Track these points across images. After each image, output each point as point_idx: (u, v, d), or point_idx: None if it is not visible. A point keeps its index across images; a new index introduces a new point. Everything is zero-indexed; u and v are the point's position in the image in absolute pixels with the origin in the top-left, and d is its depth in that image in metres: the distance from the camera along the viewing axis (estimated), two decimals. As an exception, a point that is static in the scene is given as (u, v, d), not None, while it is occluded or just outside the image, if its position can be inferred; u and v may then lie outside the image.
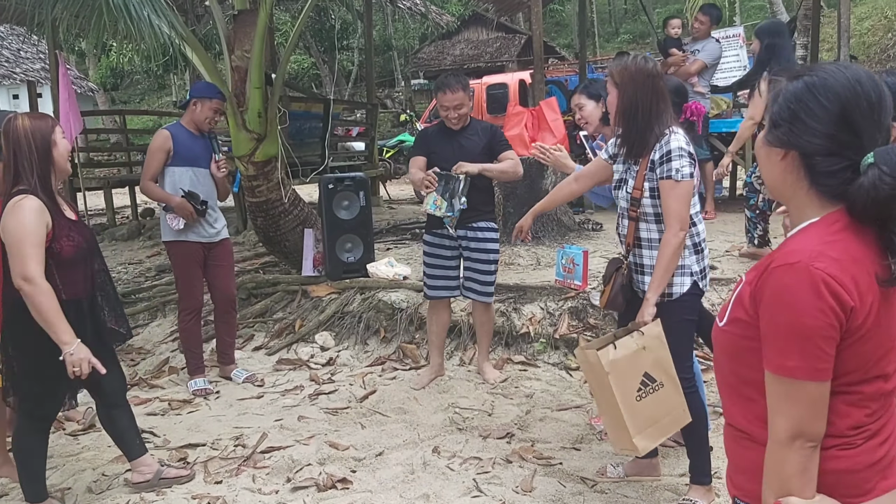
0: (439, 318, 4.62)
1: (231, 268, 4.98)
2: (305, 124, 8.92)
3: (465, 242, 4.41)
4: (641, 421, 2.75)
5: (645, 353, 2.77)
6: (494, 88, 14.33)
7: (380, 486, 3.40)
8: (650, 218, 2.99)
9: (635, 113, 2.93)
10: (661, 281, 2.92)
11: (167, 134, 4.63)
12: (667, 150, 2.89)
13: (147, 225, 9.54)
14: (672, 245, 2.89)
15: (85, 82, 25.03)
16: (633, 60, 2.99)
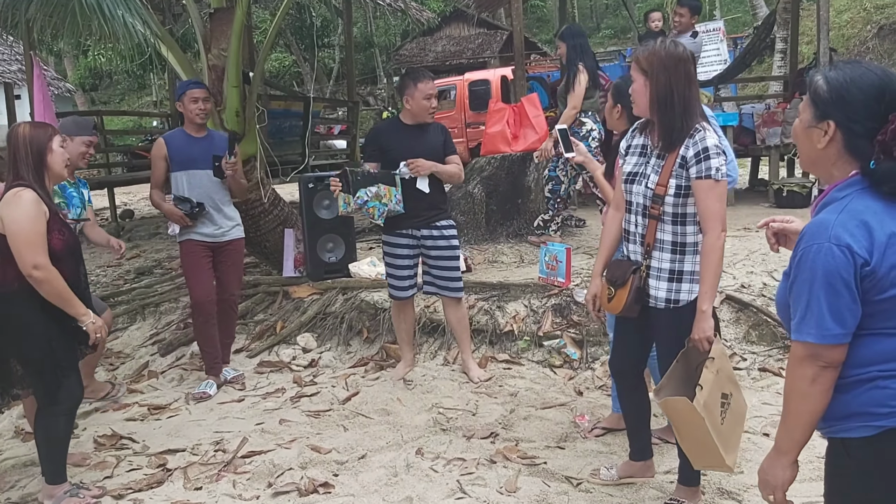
0: (406, 315, 4.67)
1: (236, 268, 4.93)
2: (285, 123, 8.84)
3: (430, 241, 4.44)
4: (729, 440, 2.69)
5: (719, 376, 2.67)
6: (476, 85, 14.30)
7: (362, 489, 3.35)
8: (667, 218, 2.82)
9: (671, 100, 2.74)
10: (710, 288, 2.76)
11: (161, 141, 4.70)
12: (702, 146, 2.72)
13: (126, 227, 9.43)
14: (718, 248, 2.73)
15: (62, 83, 24.72)
16: (662, 45, 2.80)
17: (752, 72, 15.94)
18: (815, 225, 1.64)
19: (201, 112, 4.61)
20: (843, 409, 1.66)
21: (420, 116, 4.35)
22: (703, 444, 2.64)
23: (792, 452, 1.72)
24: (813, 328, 1.62)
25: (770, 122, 8.09)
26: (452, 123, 14.52)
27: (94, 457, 3.87)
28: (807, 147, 1.73)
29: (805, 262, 1.62)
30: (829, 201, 1.68)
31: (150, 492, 3.47)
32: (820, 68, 1.81)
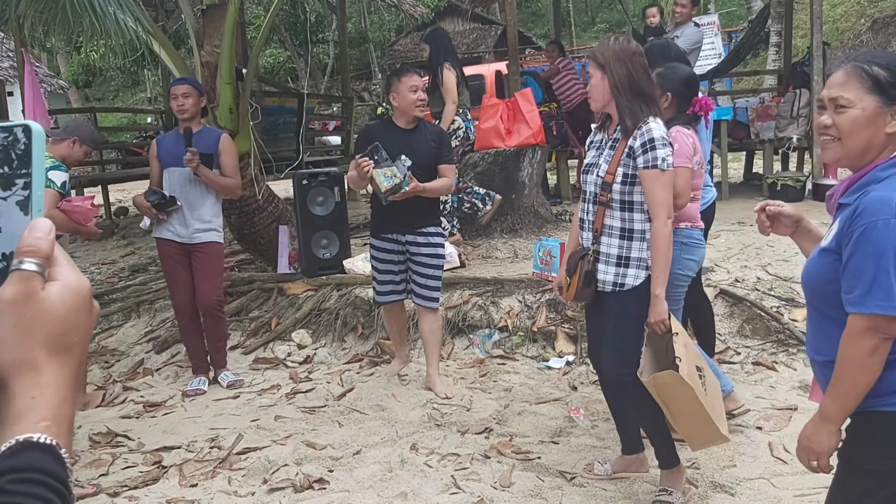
0: (396, 318, 4.57)
1: (211, 273, 4.69)
2: (279, 119, 8.84)
3: (414, 248, 4.29)
4: (717, 410, 2.82)
5: (688, 349, 2.80)
6: (471, 80, 14.23)
7: (357, 485, 3.36)
8: (615, 205, 2.96)
9: (630, 86, 2.88)
10: (662, 273, 2.88)
11: (154, 142, 4.77)
12: (649, 137, 2.85)
13: (121, 224, 9.42)
14: (664, 235, 2.86)
15: (55, 80, 24.62)
16: (615, 40, 2.98)
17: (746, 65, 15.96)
18: (875, 201, 1.66)
19: (180, 108, 4.57)
20: (887, 385, 1.70)
21: (408, 111, 4.20)
22: (696, 417, 2.71)
23: (839, 420, 1.76)
24: (882, 300, 1.64)
25: (764, 116, 8.10)
26: (447, 119, 14.50)
27: (89, 454, 3.87)
28: (871, 134, 1.73)
29: (869, 237, 1.64)
30: (871, 180, 1.72)
31: (146, 489, 3.48)
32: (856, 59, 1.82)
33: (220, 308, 4.83)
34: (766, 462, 3.33)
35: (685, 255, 3.37)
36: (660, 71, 3.42)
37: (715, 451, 3.43)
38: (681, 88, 3.38)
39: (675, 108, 3.38)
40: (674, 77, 3.39)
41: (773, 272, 5.00)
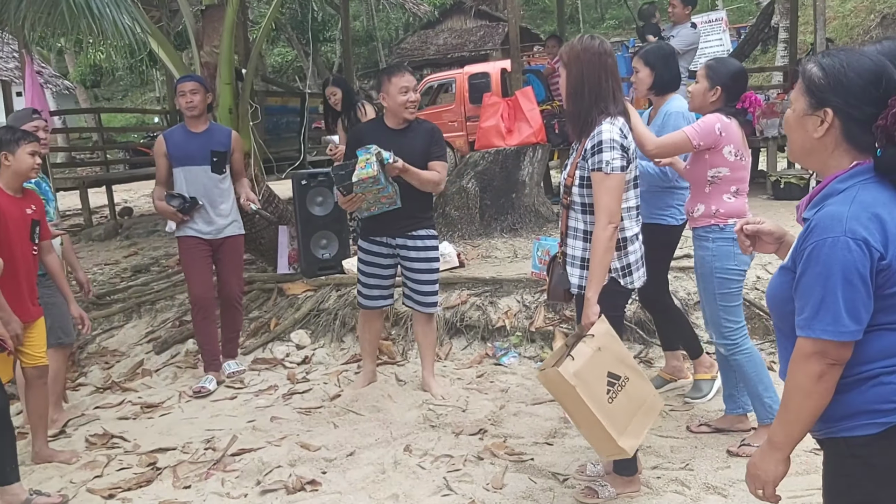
0: (372, 326, 4.44)
1: (235, 266, 4.91)
2: (282, 119, 8.85)
3: (405, 252, 4.18)
4: (620, 421, 2.73)
5: (602, 353, 2.73)
6: (476, 78, 14.21)
7: (350, 486, 3.36)
8: (577, 207, 2.97)
9: (581, 91, 2.88)
10: (596, 277, 2.87)
11: (161, 139, 4.71)
12: (598, 140, 2.84)
13: (125, 224, 9.45)
14: (601, 240, 2.84)
15: (60, 80, 24.75)
16: (580, 39, 2.96)
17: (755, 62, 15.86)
18: (826, 217, 1.57)
19: (189, 105, 4.59)
20: (844, 409, 1.62)
21: (398, 112, 4.06)
22: (588, 422, 2.67)
23: (787, 448, 1.68)
24: (829, 325, 1.56)
25: (769, 114, 8.04)
26: (452, 117, 14.46)
27: (84, 456, 3.88)
28: (801, 137, 1.68)
29: (818, 256, 1.56)
30: (829, 193, 1.63)
31: (140, 490, 3.48)
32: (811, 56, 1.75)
33: (242, 299, 5.06)
34: (760, 464, 3.30)
35: (738, 250, 3.31)
36: (709, 63, 3.41)
37: (710, 453, 3.41)
38: (729, 82, 3.31)
39: (723, 101, 3.32)
40: (723, 70, 3.33)
41: (773, 271, 4.95)
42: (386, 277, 4.29)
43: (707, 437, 3.56)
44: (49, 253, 3.84)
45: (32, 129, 4.11)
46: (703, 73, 3.39)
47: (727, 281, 3.34)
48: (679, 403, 3.98)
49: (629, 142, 2.91)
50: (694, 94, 3.43)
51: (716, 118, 3.26)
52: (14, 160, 3.52)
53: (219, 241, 4.75)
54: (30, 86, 6.20)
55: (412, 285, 4.26)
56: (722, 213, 3.33)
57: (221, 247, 4.77)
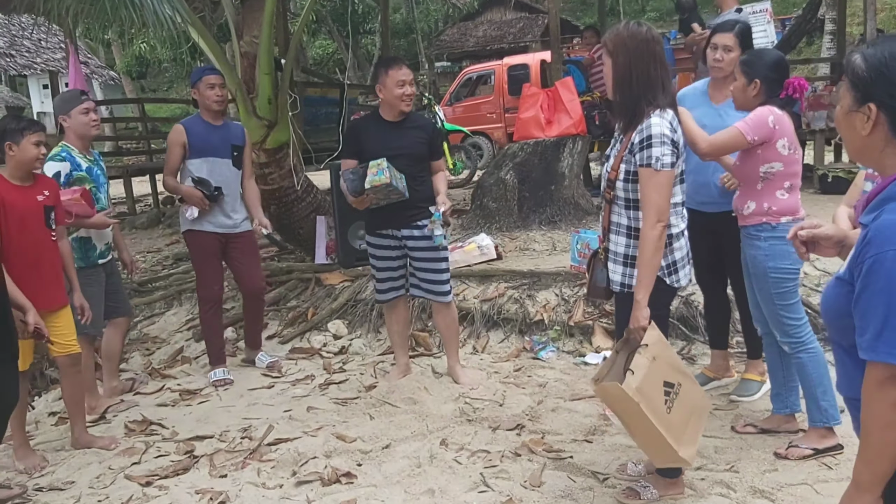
0: (397, 317, 4.42)
1: (256, 260, 4.93)
2: (321, 110, 8.84)
3: (412, 242, 4.15)
4: (678, 430, 2.66)
5: (657, 362, 2.64)
6: (515, 69, 14.13)
7: (385, 480, 3.32)
8: (621, 202, 2.86)
9: (628, 81, 2.77)
10: (645, 278, 2.75)
11: (181, 128, 4.60)
12: (647, 134, 2.72)
13: (167, 213, 9.56)
14: (650, 239, 2.73)
15: (106, 71, 25.18)
16: (626, 26, 2.83)
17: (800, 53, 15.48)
18: (885, 228, 1.42)
19: (219, 98, 4.57)
20: None
21: (394, 105, 4.03)
22: (649, 434, 2.59)
23: (875, 489, 1.49)
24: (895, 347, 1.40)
25: (816, 106, 7.83)
26: (491, 108, 14.40)
27: (123, 442, 3.91)
28: (850, 136, 1.55)
29: (879, 271, 1.41)
30: (888, 197, 1.47)
31: (176, 478, 3.49)
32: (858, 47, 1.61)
33: (265, 292, 5.08)
34: (809, 467, 3.19)
35: (793, 248, 3.21)
36: (744, 59, 3.27)
37: (756, 455, 3.30)
38: (769, 73, 3.17)
39: (765, 94, 3.18)
40: (760, 63, 3.19)
41: (822, 267, 4.80)
42: (396, 269, 4.29)
43: (753, 438, 3.45)
44: (61, 238, 3.81)
45: (83, 110, 4.20)
46: (738, 69, 3.26)
47: (783, 280, 3.21)
48: (723, 402, 3.87)
49: (679, 136, 2.79)
50: (735, 93, 3.30)
51: (768, 111, 3.13)
52: (18, 150, 3.52)
53: (233, 236, 4.70)
54: (73, 74, 6.28)
55: (424, 275, 4.23)
56: (774, 211, 3.20)
57: (237, 241, 4.73)
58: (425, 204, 4.14)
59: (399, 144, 4.00)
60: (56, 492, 3.45)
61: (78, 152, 4.21)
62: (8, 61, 20.13)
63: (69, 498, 3.37)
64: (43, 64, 19.42)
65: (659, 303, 2.90)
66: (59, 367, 3.78)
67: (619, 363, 2.75)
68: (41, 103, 22.99)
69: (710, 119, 3.53)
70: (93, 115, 4.23)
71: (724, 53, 3.59)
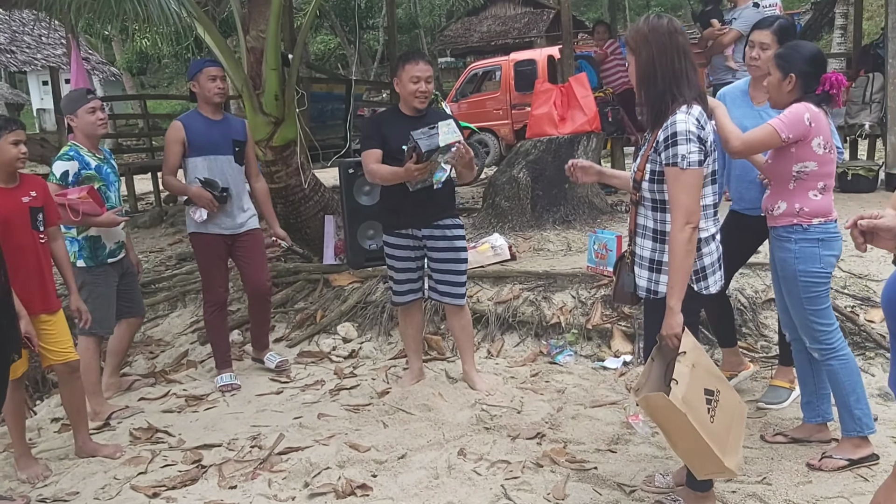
0: (412, 320, 4.29)
1: (262, 259, 4.74)
2: (327, 106, 8.71)
3: (432, 242, 4.04)
4: (722, 440, 2.54)
5: (696, 370, 2.52)
6: (522, 65, 13.98)
7: (402, 492, 3.19)
8: (647, 203, 2.74)
9: (653, 77, 2.63)
10: (676, 283, 2.62)
11: (179, 125, 4.43)
12: (672, 132, 2.58)
13: (170, 212, 9.41)
14: (679, 241, 2.59)
15: (107, 67, 25.03)
16: (646, 20, 2.70)
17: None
18: None
19: (220, 91, 4.41)
20: None
21: (408, 101, 3.95)
22: (694, 445, 2.48)
23: None
24: None
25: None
26: (497, 105, 14.26)
27: (128, 451, 3.78)
28: None
29: None
30: None
31: (184, 490, 3.36)
32: None
33: (270, 292, 4.96)
34: (845, 479, 3.05)
35: (824, 251, 3.06)
36: (779, 52, 3.12)
37: (788, 466, 3.17)
38: (805, 67, 3.01)
39: (801, 89, 3.03)
40: (796, 56, 3.04)
41: (847, 268, 4.66)
42: (415, 270, 4.16)
43: (784, 448, 3.32)
44: (55, 240, 3.66)
45: (90, 109, 4.11)
46: (773, 64, 3.11)
47: (813, 284, 3.08)
48: (750, 409, 3.73)
49: (707, 132, 2.64)
50: (770, 89, 3.14)
51: (804, 107, 2.98)
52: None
53: (239, 236, 4.55)
54: (75, 70, 6.15)
55: (441, 276, 4.10)
56: (806, 212, 3.06)
57: (243, 241, 4.57)
58: (448, 202, 4.01)
59: None
60: (60, 503, 3.32)
61: (87, 151, 4.13)
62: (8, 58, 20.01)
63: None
64: (43, 60, 19.30)
65: (688, 310, 2.76)
66: (58, 375, 3.66)
67: (655, 372, 2.64)
68: (41, 100, 22.86)
69: (750, 121, 3.37)
70: (99, 114, 4.13)
71: (761, 51, 3.44)
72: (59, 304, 3.61)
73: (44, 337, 3.46)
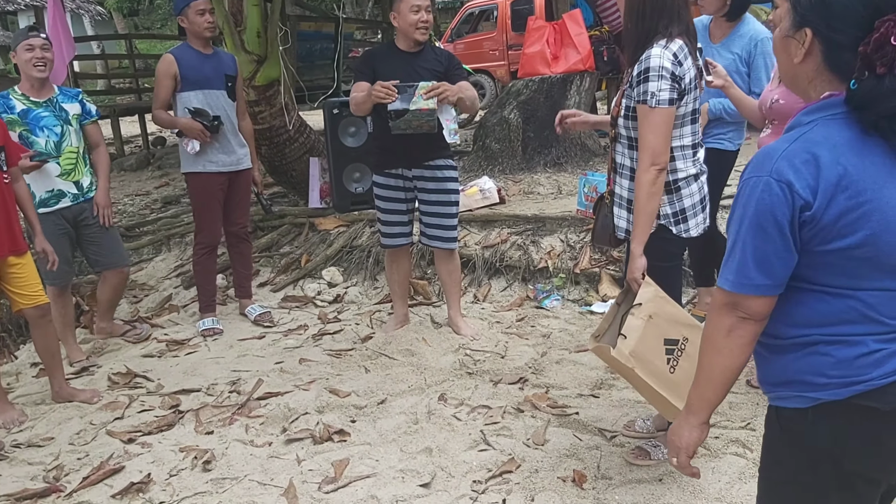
0: (399, 266, 4.16)
1: (246, 199, 4.66)
2: (316, 45, 8.45)
3: (422, 184, 3.89)
4: (685, 389, 2.44)
5: (654, 320, 2.41)
6: (519, 4, 13.58)
7: (380, 437, 3.14)
8: (623, 141, 2.62)
9: (642, 9, 2.50)
10: (639, 226, 2.53)
11: (171, 58, 4.25)
12: (645, 66, 2.45)
13: (157, 154, 9.25)
14: (643, 183, 2.48)
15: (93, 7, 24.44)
16: None
17: None
18: (760, 154, 1.37)
19: (210, 25, 4.25)
20: (778, 374, 1.44)
21: (408, 33, 3.72)
22: (652, 395, 2.42)
23: (702, 412, 1.52)
24: (732, 274, 1.39)
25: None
26: (494, 45, 13.92)
27: (106, 395, 3.73)
28: (783, 61, 1.45)
29: (740, 196, 1.37)
30: (794, 125, 1.40)
31: (160, 435, 3.31)
32: None
33: (249, 232, 4.85)
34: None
35: None
36: None
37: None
38: None
39: None
40: None
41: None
42: (405, 213, 4.02)
43: (769, 394, 3.26)
44: (15, 180, 3.52)
45: (27, 46, 3.85)
46: None
47: None
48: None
49: (685, 69, 2.48)
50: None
51: None
52: None
53: (234, 175, 4.46)
54: (52, 7, 5.92)
55: (431, 220, 3.97)
56: None
57: (236, 179, 4.48)
58: (439, 142, 3.83)
59: (418, 77, 3.67)
60: (34, 448, 3.28)
61: (21, 94, 3.90)
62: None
63: (48, 455, 3.20)
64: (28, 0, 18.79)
65: (668, 253, 2.67)
66: (28, 319, 3.57)
67: (618, 319, 2.55)
68: (31, 41, 22.36)
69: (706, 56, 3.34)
70: (38, 53, 3.84)
71: None
72: (27, 247, 3.51)
73: (13, 280, 3.38)
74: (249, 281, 4.87)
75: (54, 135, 3.95)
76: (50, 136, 3.94)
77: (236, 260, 4.76)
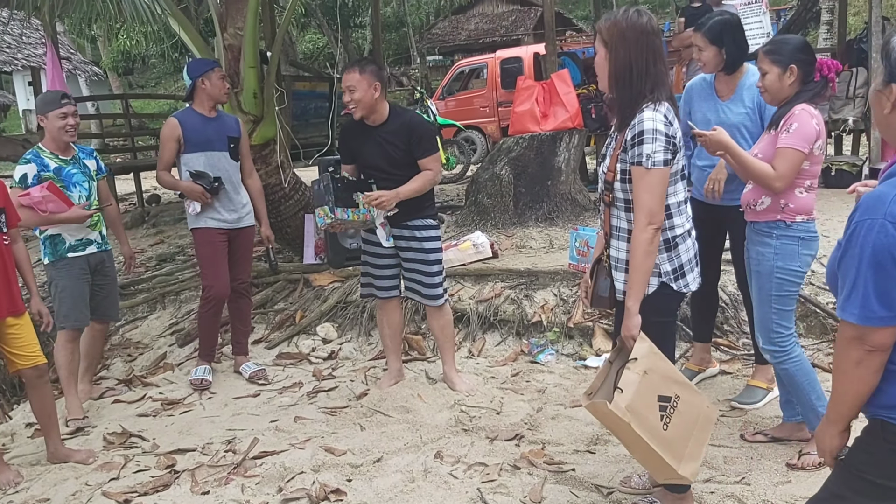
0: (390, 319, 4.22)
1: (249, 256, 4.80)
2: (310, 104, 8.63)
3: (401, 242, 4.00)
4: (678, 446, 2.48)
5: (649, 376, 2.45)
6: (508, 63, 13.92)
7: (376, 496, 3.13)
8: (620, 205, 2.65)
9: (628, 77, 2.56)
10: (635, 285, 2.57)
11: (175, 122, 4.46)
12: (639, 130, 2.52)
13: (152, 212, 9.32)
14: (640, 242, 2.53)
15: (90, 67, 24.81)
16: (624, 15, 2.60)
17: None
18: (872, 198, 1.55)
19: (227, 91, 4.53)
20: (889, 399, 1.62)
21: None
22: (644, 452, 2.44)
23: (839, 423, 1.72)
24: (857, 308, 1.55)
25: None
26: (484, 102, 14.21)
27: (101, 456, 3.71)
28: (877, 112, 1.65)
29: (856, 238, 1.54)
30: (893, 172, 1.59)
31: (156, 495, 3.29)
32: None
33: (250, 288, 4.98)
34: (824, 477, 3.00)
35: (803, 250, 3.05)
36: (767, 49, 3.07)
37: (767, 466, 3.13)
38: (801, 56, 2.99)
39: (801, 79, 2.99)
40: (787, 48, 3.01)
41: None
42: (392, 266, 4.11)
43: (763, 448, 3.28)
44: (16, 242, 3.61)
45: (61, 114, 4.04)
46: (767, 62, 3.04)
47: (786, 283, 3.05)
48: (728, 408, 3.70)
49: (675, 129, 2.57)
50: (769, 87, 3.07)
51: (807, 114, 2.93)
52: None
53: (236, 232, 4.58)
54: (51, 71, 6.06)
55: (412, 276, 4.07)
56: (791, 209, 3.02)
57: (238, 237, 4.62)
58: (419, 204, 3.95)
59: (376, 152, 3.89)
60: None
61: (49, 153, 4.09)
62: (-13, 57, 19.77)
63: (42, 518, 3.18)
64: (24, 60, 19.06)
65: (667, 309, 2.72)
66: (25, 379, 3.58)
67: (612, 375, 2.58)
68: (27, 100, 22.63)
69: (714, 114, 3.52)
70: (70, 121, 4.06)
71: (699, 54, 3.52)
72: (25, 307, 3.54)
73: (10, 341, 3.40)
74: (247, 338, 4.90)
75: (85, 189, 4.17)
76: (82, 191, 4.15)
77: (235, 316, 4.80)
